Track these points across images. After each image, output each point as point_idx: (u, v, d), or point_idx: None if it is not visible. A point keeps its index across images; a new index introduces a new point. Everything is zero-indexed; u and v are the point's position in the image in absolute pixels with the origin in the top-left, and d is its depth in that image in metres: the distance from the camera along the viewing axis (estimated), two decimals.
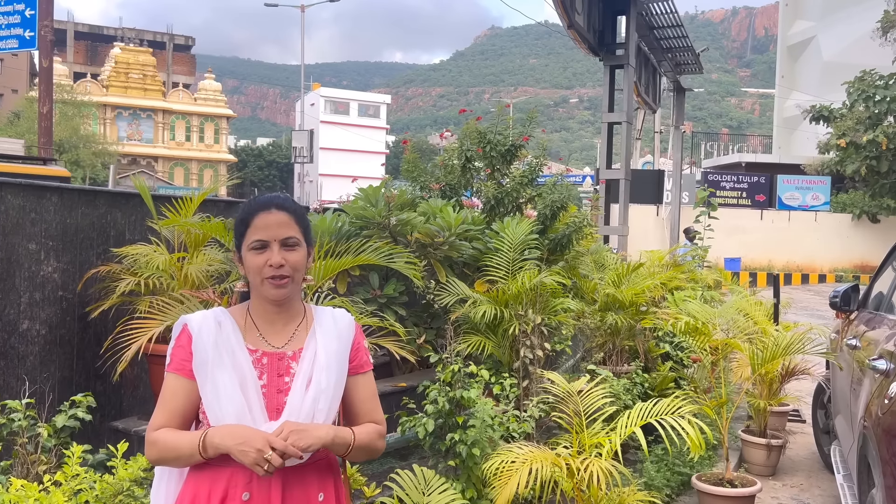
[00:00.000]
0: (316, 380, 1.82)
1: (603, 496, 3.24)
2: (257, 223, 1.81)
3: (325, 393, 1.82)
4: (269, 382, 1.81)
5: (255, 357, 1.81)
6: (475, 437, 3.64)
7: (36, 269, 3.72)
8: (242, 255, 1.84)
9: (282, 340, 1.86)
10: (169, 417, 1.80)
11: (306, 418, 1.78)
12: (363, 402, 1.94)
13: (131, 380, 4.29)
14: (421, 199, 5.49)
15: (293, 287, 1.84)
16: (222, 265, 3.97)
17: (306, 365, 1.83)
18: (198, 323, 1.82)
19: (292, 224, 1.83)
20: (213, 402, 1.76)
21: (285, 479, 1.78)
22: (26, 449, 2.58)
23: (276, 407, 1.79)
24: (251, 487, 1.75)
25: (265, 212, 1.82)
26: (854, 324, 4.68)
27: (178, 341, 1.83)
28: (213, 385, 1.76)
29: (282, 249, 1.80)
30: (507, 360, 4.78)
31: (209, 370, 1.76)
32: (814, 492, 5.30)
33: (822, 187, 26.08)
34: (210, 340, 1.78)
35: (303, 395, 1.80)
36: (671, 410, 3.21)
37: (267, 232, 1.80)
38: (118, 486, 2.07)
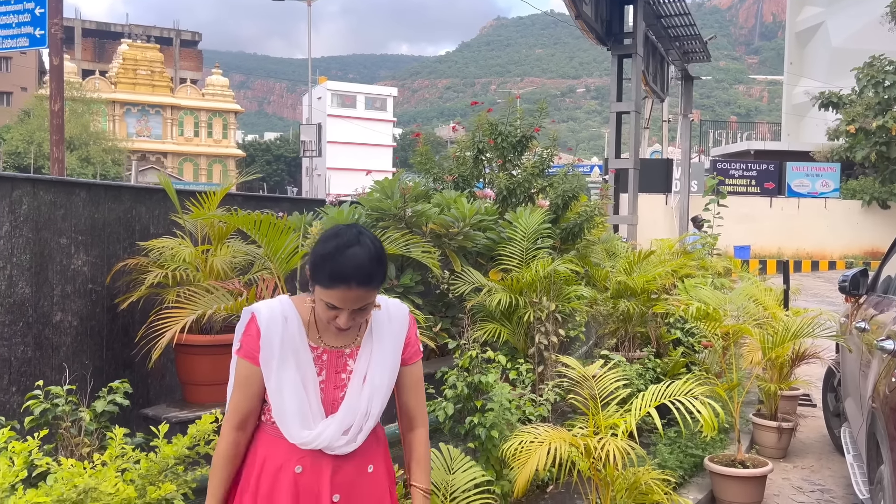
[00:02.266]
0: (371, 377, 1.93)
1: (619, 475, 3.35)
2: (335, 294, 1.80)
3: (378, 391, 1.93)
4: (327, 379, 1.92)
5: (316, 354, 1.92)
6: (493, 421, 3.75)
7: (67, 263, 3.84)
8: (315, 292, 1.85)
9: (342, 340, 1.95)
10: (246, 406, 1.91)
11: (362, 415, 1.90)
12: (410, 388, 2.06)
13: (158, 369, 4.42)
14: (434, 190, 5.59)
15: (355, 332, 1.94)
16: (246, 256, 4.09)
17: (363, 363, 1.94)
18: (266, 317, 1.89)
19: (369, 295, 1.84)
20: (276, 396, 1.87)
21: (336, 456, 1.91)
22: (70, 432, 2.71)
23: (332, 401, 1.91)
24: (304, 461, 1.88)
25: (347, 288, 1.79)
26: (863, 307, 4.76)
27: (247, 330, 1.92)
28: (277, 382, 1.87)
29: (352, 313, 1.84)
30: (522, 346, 4.89)
31: (274, 367, 1.87)
32: (824, 473, 5.40)
33: (831, 174, 26.01)
34: (277, 337, 1.87)
35: (359, 393, 1.92)
36: (684, 392, 3.31)
37: (342, 304, 1.81)
38: (163, 464, 2.20)
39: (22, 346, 3.53)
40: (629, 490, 3.36)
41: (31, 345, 3.59)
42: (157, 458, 2.20)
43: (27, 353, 3.57)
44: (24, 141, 34.97)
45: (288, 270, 3.80)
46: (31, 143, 34.52)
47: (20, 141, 35.18)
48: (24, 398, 3.41)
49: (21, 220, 3.51)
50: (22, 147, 34.68)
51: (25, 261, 3.55)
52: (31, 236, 3.58)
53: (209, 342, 4.01)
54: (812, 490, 5.06)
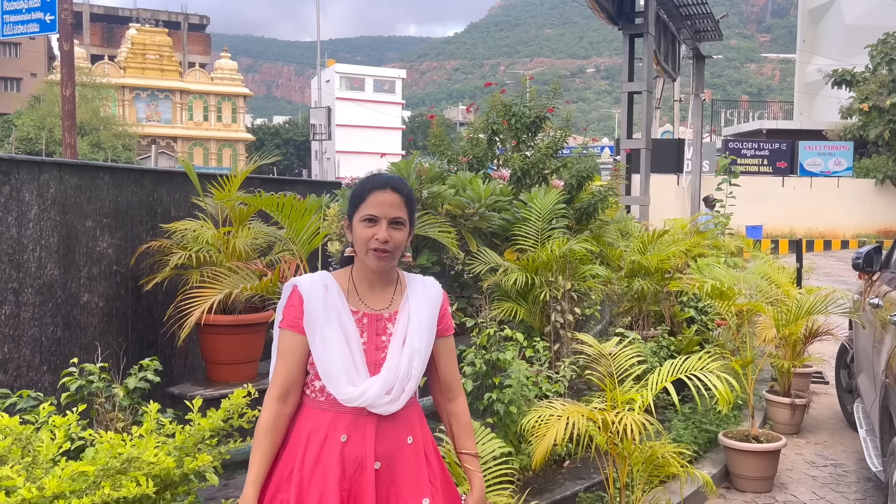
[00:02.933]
0: (410, 341, 2.02)
1: (635, 449, 3.42)
2: (372, 200, 1.98)
3: (418, 353, 2.03)
4: (368, 340, 2.01)
5: (356, 317, 2.01)
6: (511, 396, 3.83)
7: (92, 245, 3.92)
8: (353, 224, 2.01)
9: (380, 304, 2.05)
10: (288, 375, 2.00)
11: (404, 375, 1.99)
12: (446, 360, 2.17)
13: (182, 349, 4.52)
14: (449, 172, 5.64)
15: (393, 260, 2.03)
16: (267, 238, 4.16)
17: (401, 326, 2.04)
18: (307, 285, 2.01)
19: (402, 206, 2.00)
20: (322, 355, 1.96)
21: (379, 424, 1.99)
22: (104, 408, 2.80)
23: (375, 362, 2.00)
24: (349, 430, 1.97)
25: (381, 191, 1.98)
26: (877, 284, 4.79)
27: (289, 300, 2.02)
28: (322, 341, 1.96)
29: (389, 227, 1.97)
30: (538, 325, 4.96)
31: (319, 328, 1.97)
32: (837, 448, 5.46)
33: (844, 153, 25.83)
34: (319, 301, 1.98)
35: (399, 354, 2.01)
36: (700, 367, 3.37)
37: (379, 209, 1.96)
38: (198, 436, 2.28)
39: (52, 326, 3.63)
40: (646, 463, 3.44)
41: (60, 325, 3.69)
42: (193, 430, 2.29)
43: (57, 333, 3.67)
44: (35, 127, 35.13)
45: (310, 251, 3.88)
46: (42, 129, 34.69)
47: (31, 127, 35.33)
48: (55, 376, 3.52)
49: (48, 204, 3.59)
50: (33, 133, 34.85)
51: (53, 243, 3.63)
52: (58, 219, 3.66)
53: (232, 322, 4.10)
54: (825, 465, 5.12)
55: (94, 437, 2.31)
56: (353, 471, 1.99)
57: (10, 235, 3.36)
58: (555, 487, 3.97)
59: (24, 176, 3.43)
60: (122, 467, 2.04)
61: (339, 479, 1.97)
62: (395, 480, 2.05)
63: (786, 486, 4.72)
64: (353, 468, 1.99)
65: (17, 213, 3.40)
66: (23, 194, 3.43)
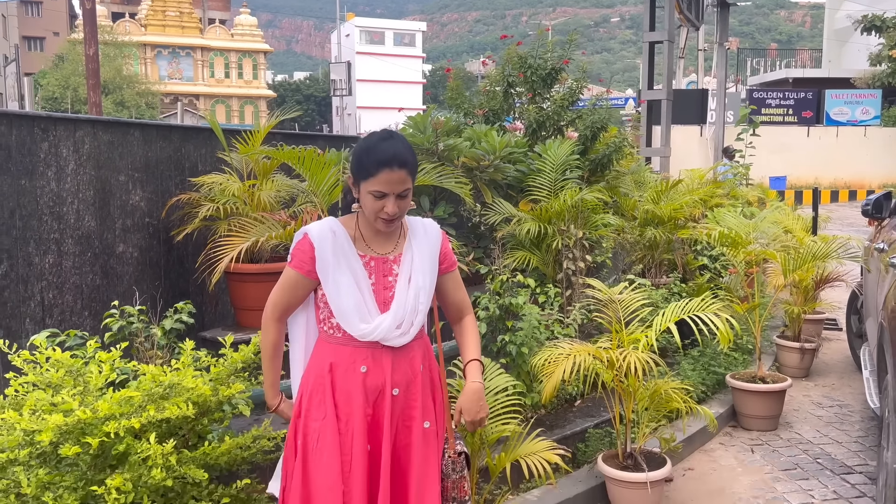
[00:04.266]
0: (414, 279, 2.22)
1: (640, 386, 3.61)
2: (381, 178, 2.08)
3: (423, 290, 2.23)
4: (377, 281, 2.21)
5: (364, 261, 2.21)
6: (523, 339, 4.03)
7: (126, 199, 4.14)
8: (360, 190, 2.15)
9: (385, 248, 2.25)
10: (287, 303, 2.25)
11: (412, 311, 2.20)
12: (453, 290, 2.40)
13: (211, 297, 4.77)
14: (465, 125, 5.75)
15: (399, 222, 2.22)
16: (290, 190, 4.35)
17: (406, 267, 2.23)
18: (318, 233, 2.19)
19: (408, 178, 2.13)
20: (335, 297, 2.17)
21: (394, 356, 2.21)
22: (144, 346, 3.04)
23: (384, 301, 2.21)
24: (368, 362, 2.19)
25: (390, 170, 2.08)
26: (885, 230, 4.88)
27: (299, 245, 2.22)
28: (334, 284, 2.16)
29: (396, 199, 2.12)
30: (550, 272, 5.12)
31: (330, 272, 2.16)
32: (844, 390, 5.62)
33: (872, 101, 25.28)
34: (329, 249, 2.17)
35: (406, 292, 2.21)
36: (703, 308, 3.53)
37: (388, 187, 2.10)
38: (231, 368, 2.51)
39: (91, 274, 3.87)
40: (651, 399, 3.63)
41: (98, 273, 3.93)
42: (227, 363, 2.51)
43: (96, 280, 3.92)
44: (60, 86, 35.48)
45: (330, 202, 4.06)
46: (66, 88, 35.01)
47: (56, 86, 35.68)
48: (95, 321, 3.78)
49: (84, 159, 3.80)
50: (58, 92, 35.21)
51: (90, 196, 3.86)
52: (93, 174, 3.87)
53: (259, 270, 4.32)
54: (831, 405, 5.29)
55: (136, 370, 2.54)
56: (374, 397, 2.21)
57: (51, 189, 3.58)
58: (565, 424, 4.19)
59: (61, 133, 3.63)
60: (164, 393, 2.27)
61: (363, 405, 2.19)
62: (410, 404, 2.27)
63: (791, 424, 4.90)
64: (374, 395, 2.21)
65: (56, 168, 3.61)
66: (60, 150, 3.64)
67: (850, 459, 4.34)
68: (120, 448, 2.10)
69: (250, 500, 2.58)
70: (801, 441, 4.62)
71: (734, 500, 3.85)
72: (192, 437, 2.54)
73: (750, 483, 4.05)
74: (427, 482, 2.27)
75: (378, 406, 2.22)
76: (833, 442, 4.60)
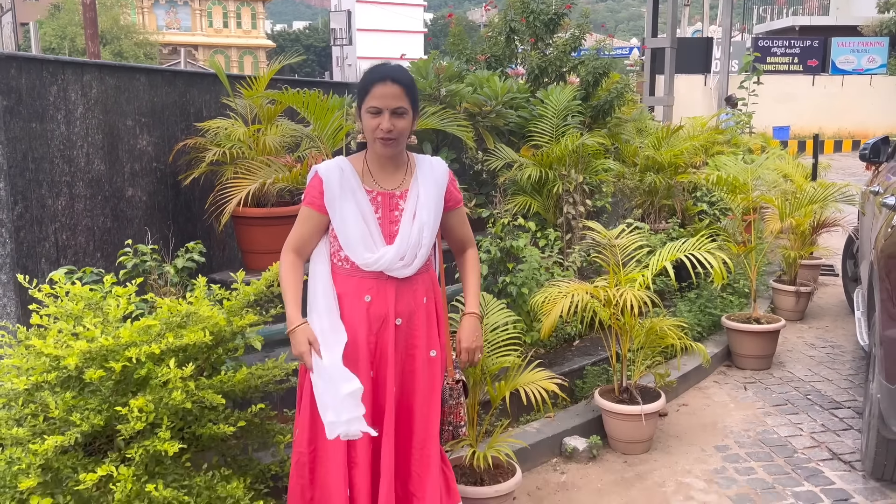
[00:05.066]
0: (419, 214, 2.32)
1: (636, 323, 3.73)
2: (375, 92, 2.20)
3: (427, 225, 2.32)
4: (383, 215, 2.31)
5: (371, 196, 2.31)
6: (524, 279, 4.14)
7: (133, 143, 4.21)
8: (361, 115, 2.27)
9: (392, 184, 2.34)
10: (301, 238, 2.36)
11: (415, 244, 2.30)
12: (458, 226, 2.50)
13: (220, 241, 4.87)
14: (467, 71, 5.77)
15: (398, 146, 2.30)
16: (294, 135, 4.41)
17: (411, 203, 2.32)
18: (326, 169, 2.31)
19: (403, 96, 2.22)
20: (342, 228, 2.28)
21: (398, 287, 2.32)
22: (157, 283, 3.15)
23: (390, 234, 2.31)
24: (372, 292, 2.31)
25: (382, 84, 2.19)
26: (882, 174, 4.94)
27: (311, 182, 2.33)
28: (341, 216, 2.27)
29: (392, 117, 2.21)
30: (551, 217, 5.21)
31: (337, 205, 2.27)
32: (837, 332, 5.75)
33: (879, 49, 24.98)
34: (336, 183, 2.28)
35: (410, 226, 2.31)
36: (697, 248, 3.63)
37: (382, 101, 2.20)
38: (244, 300, 2.62)
39: (102, 217, 3.96)
40: (646, 335, 3.75)
41: (109, 216, 4.02)
42: (240, 295, 2.62)
43: (107, 223, 4.01)
44: (57, 36, 35.05)
45: (335, 146, 4.12)
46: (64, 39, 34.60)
47: (53, 37, 35.23)
48: (107, 262, 3.89)
49: (92, 103, 3.86)
50: (56, 42, 34.79)
51: (98, 140, 3.92)
52: (101, 118, 3.93)
53: (265, 214, 4.40)
54: (823, 346, 5.43)
55: (153, 302, 2.65)
56: (378, 326, 2.32)
57: (61, 132, 3.65)
58: (564, 362, 4.32)
59: (69, 76, 3.68)
60: (181, 322, 2.38)
61: (366, 333, 2.31)
62: (414, 334, 2.39)
63: (784, 364, 5.05)
64: (377, 324, 2.32)
65: (65, 111, 3.67)
66: (69, 94, 3.69)
67: (839, 396, 4.49)
68: (141, 373, 2.22)
69: (263, 424, 2.72)
70: (793, 379, 4.77)
71: (726, 433, 4.01)
72: (208, 367, 2.66)
73: (742, 417, 4.21)
74: (431, 406, 2.41)
75: (381, 335, 2.34)
76: (824, 380, 4.75)
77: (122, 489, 2.09)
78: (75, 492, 2.15)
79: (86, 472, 2.16)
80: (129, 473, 2.13)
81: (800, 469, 3.58)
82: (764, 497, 3.33)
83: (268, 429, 2.74)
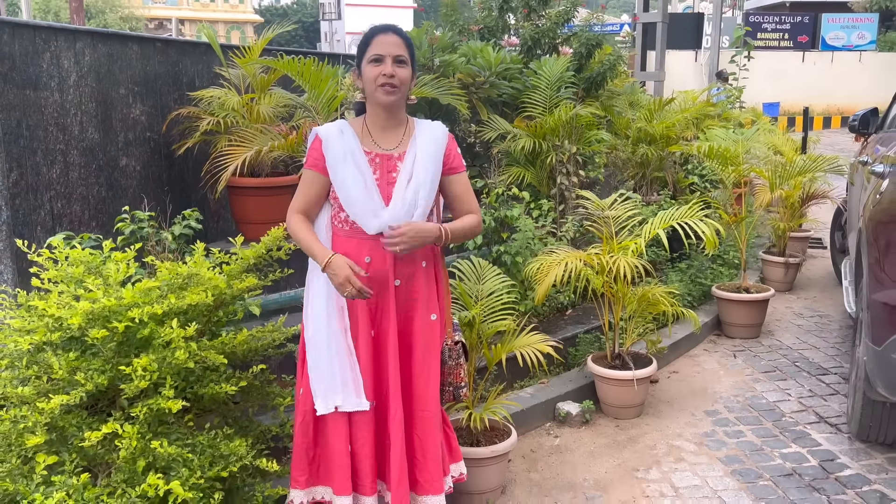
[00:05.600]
0: (415, 175, 2.34)
1: (628, 291, 3.78)
2: (376, 42, 2.28)
3: (423, 186, 2.34)
4: (381, 177, 2.34)
5: (369, 158, 2.34)
6: (518, 249, 4.18)
7: (127, 112, 4.19)
8: (362, 69, 2.31)
9: (390, 144, 2.37)
10: (305, 200, 2.39)
11: (410, 206, 2.31)
12: (461, 194, 2.48)
13: (214, 212, 4.88)
14: (460, 42, 5.76)
15: (399, 96, 2.32)
16: (289, 103, 4.40)
17: (408, 164, 2.35)
18: (326, 132, 2.35)
19: (403, 46, 2.30)
20: (342, 189, 2.31)
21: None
22: (156, 249, 3.17)
23: (388, 195, 2.33)
24: (372, 253, 2.34)
25: (384, 34, 2.29)
26: (870, 145, 4.99)
27: (311, 145, 2.36)
28: (342, 177, 2.30)
29: (393, 64, 2.27)
30: (544, 188, 5.24)
31: (338, 167, 2.30)
32: (825, 302, 5.84)
33: (868, 25, 24.98)
34: (336, 144, 2.31)
35: (405, 188, 2.33)
36: (689, 216, 3.67)
37: (383, 48, 2.27)
38: (244, 265, 2.64)
39: (97, 186, 3.96)
40: (638, 303, 3.81)
41: (104, 185, 4.02)
42: (239, 259, 2.64)
43: (101, 192, 4.01)
44: (40, 10, 34.52)
45: (329, 113, 4.12)
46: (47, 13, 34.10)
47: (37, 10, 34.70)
48: (103, 231, 3.89)
49: (85, 71, 3.84)
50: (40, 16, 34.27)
51: (92, 109, 3.91)
52: (94, 86, 3.91)
53: (259, 184, 4.41)
54: (811, 315, 5.52)
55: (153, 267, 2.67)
56: (378, 287, 2.36)
57: (55, 100, 3.63)
58: (557, 331, 4.38)
59: (61, 44, 3.66)
60: (182, 283, 2.40)
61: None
62: (412, 296, 2.42)
63: (772, 333, 5.13)
64: (378, 284, 2.35)
65: (58, 79, 3.65)
66: (62, 61, 3.67)
67: (826, 362, 4.57)
68: (144, 333, 2.25)
69: (263, 387, 2.75)
70: (781, 347, 4.85)
71: (715, 399, 4.08)
72: (208, 331, 2.69)
73: (731, 384, 4.29)
74: (430, 368, 2.45)
75: (381, 294, 2.37)
76: (811, 347, 4.84)
77: (126, 446, 2.13)
78: (80, 448, 2.19)
79: (90, 430, 2.19)
80: (134, 431, 2.16)
81: (787, 432, 3.67)
82: (752, 458, 3.41)
83: (267, 391, 2.77)
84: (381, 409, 2.40)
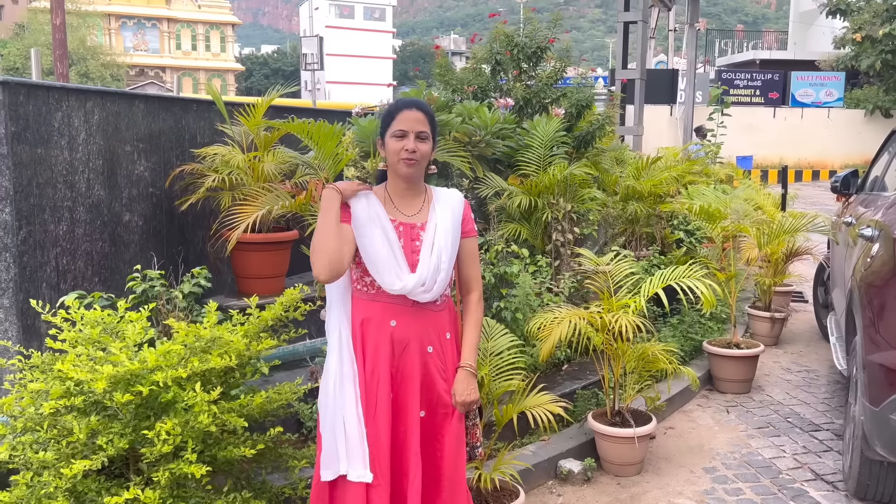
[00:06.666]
0: (437, 242, 2.41)
1: (628, 348, 3.85)
2: (401, 117, 2.36)
3: (444, 250, 2.40)
4: (405, 244, 2.40)
5: (394, 225, 2.40)
6: (518, 305, 4.24)
7: (131, 168, 4.24)
8: (385, 140, 2.39)
9: (411, 211, 2.44)
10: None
11: (434, 270, 2.37)
12: (468, 257, 2.54)
13: (213, 266, 4.89)
14: (454, 101, 5.90)
15: (420, 169, 2.40)
16: (293, 161, 4.48)
17: (430, 233, 2.42)
18: (349, 194, 2.40)
19: (425, 122, 2.38)
20: (369, 249, 2.35)
21: (422, 315, 2.40)
22: (166, 308, 3.18)
23: (412, 263, 2.39)
24: (397, 317, 2.38)
25: (408, 109, 2.37)
26: (852, 205, 5.18)
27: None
28: (369, 238, 2.35)
29: (415, 140, 2.35)
30: (540, 244, 5.34)
31: (366, 228, 2.35)
32: (811, 356, 5.96)
33: (836, 83, 25.93)
34: (364, 206, 2.38)
35: (430, 255, 2.39)
36: (687, 275, 3.77)
37: (406, 124, 2.35)
38: (260, 325, 2.67)
39: (101, 241, 3.98)
40: (638, 360, 3.88)
41: (107, 241, 4.04)
42: (256, 320, 2.67)
43: (105, 248, 4.02)
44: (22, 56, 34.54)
45: (336, 172, 4.20)
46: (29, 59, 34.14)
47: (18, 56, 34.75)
48: (105, 287, 3.90)
49: (94, 129, 3.89)
50: (20, 62, 34.30)
51: (99, 166, 3.95)
52: (102, 144, 3.96)
53: (262, 239, 4.46)
54: (799, 370, 5.62)
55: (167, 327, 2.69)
56: (400, 351, 2.39)
57: (64, 158, 3.67)
58: (555, 386, 4.42)
59: (73, 103, 3.72)
60: (205, 346, 2.43)
61: (389, 357, 2.38)
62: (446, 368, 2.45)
63: (763, 388, 5.21)
64: (400, 349, 2.39)
65: (68, 137, 3.70)
66: (72, 120, 3.73)
67: (817, 418, 4.65)
68: (167, 397, 2.26)
69: (277, 448, 2.76)
70: (773, 402, 4.93)
71: (712, 455, 4.13)
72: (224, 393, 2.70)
73: (727, 440, 4.34)
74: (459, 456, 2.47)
75: (404, 359, 2.40)
76: (802, 403, 4.92)
77: None
78: None
79: (109, 495, 2.19)
80: (155, 497, 2.16)
81: (785, 489, 3.72)
82: None
83: (281, 452, 2.78)
84: (398, 480, 2.39)
